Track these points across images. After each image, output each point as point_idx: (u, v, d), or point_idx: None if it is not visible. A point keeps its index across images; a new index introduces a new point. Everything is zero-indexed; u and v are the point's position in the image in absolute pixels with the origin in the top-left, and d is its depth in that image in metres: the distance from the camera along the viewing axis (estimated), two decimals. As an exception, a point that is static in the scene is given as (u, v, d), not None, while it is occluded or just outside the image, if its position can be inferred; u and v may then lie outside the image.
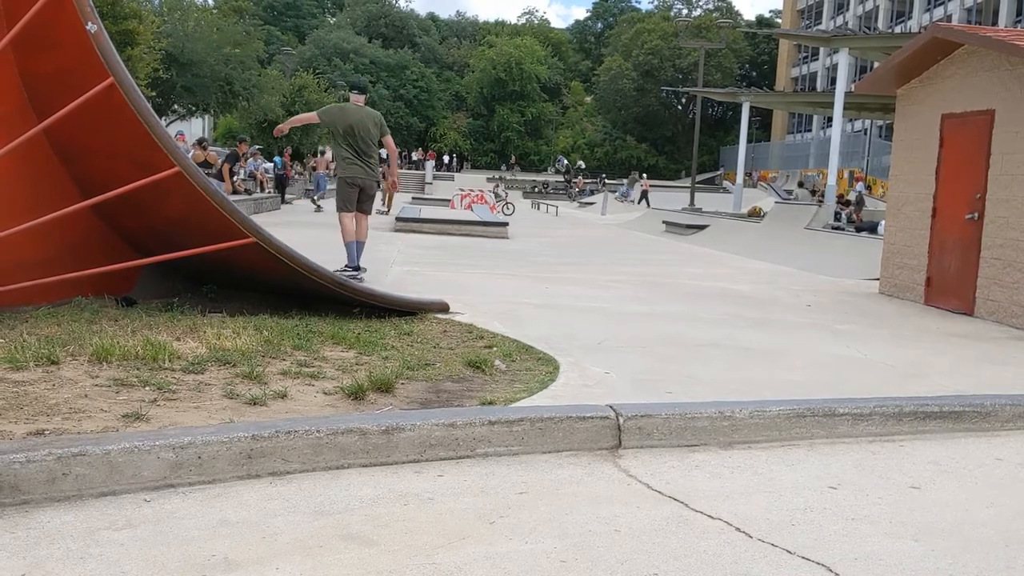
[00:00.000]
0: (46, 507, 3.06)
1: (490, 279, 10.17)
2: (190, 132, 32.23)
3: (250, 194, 22.22)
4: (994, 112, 8.92)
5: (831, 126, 28.44)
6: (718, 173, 64.57)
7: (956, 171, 9.53)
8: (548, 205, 38.72)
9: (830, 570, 2.91)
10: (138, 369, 4.53)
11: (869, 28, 55.30)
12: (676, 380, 5.23)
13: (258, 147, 30.60)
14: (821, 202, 22.90)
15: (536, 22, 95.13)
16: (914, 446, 4.45)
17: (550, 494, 3.48)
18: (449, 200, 29.82)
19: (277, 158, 31.62)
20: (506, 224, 19.28)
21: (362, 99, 9.59)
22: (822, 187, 31.32)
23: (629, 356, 5.89)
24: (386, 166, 14.95)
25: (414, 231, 17.76)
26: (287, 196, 27.16)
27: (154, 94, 28.52)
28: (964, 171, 9.36)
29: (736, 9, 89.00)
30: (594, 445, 4.04)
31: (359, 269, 9.29)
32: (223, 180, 18.97)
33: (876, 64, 22.09)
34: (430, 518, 3.17)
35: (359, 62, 73.76)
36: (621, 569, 2.84)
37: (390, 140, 9.78)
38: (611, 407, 4.20)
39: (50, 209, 5.90)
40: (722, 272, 12.96)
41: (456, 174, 60.84)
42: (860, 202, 23.49)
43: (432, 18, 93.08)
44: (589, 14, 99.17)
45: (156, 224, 6.53)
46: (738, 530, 3.21)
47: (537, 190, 52.17)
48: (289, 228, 14.88)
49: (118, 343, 4.87)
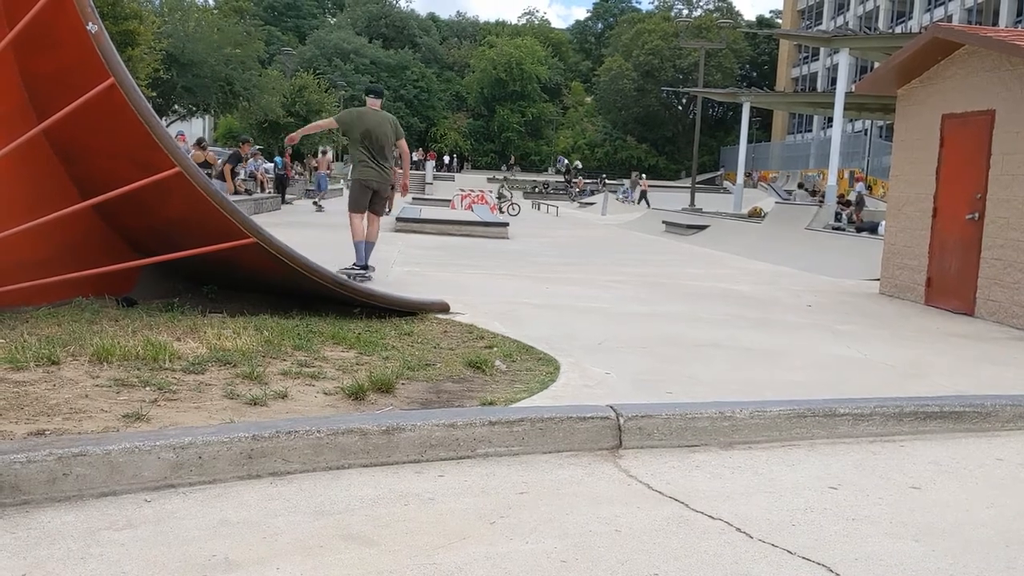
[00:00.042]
0: (47, 507, 3.06)
1: (491, 279, 10.17)
2: (190, 132, 32.20)
3: (250, 194, 22.23)
4: (994, 112, 8.92)
5: (831, 126, 28.44)
6: (718, 173, 64.59)
7: (956, 171, 9.53)
8: (548, 205, 38.75)
9: (831, 570, 2.91)
10: (139, 369, 4.53)
11: (869, 28, 55.30)
12: (677, 380, 5.23)
13: (258, 147, 30.63)
14: (822, 202, 22.90)
15: (536, 22, 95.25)
16: (914, 446, 4.45)
17: (551, 494, 3.48)
18: (449, 200, 29.84)
19: (278, 158, 31.63)
20: (506, 224, 19.28)
21: (378, 103, 9.79)
22: (822, 187, 31.33)
23: (630, 356, 5.88)
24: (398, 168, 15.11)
25: (415, 231, 17.77)
26: (287, 196, 27.17)
27: (155, 94, 28.53)
28: (965, 171, 9.36)
29: (736, 9, 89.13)
30: (595, 445, 4.04)
31: (367, 268, 9.43)
32: (225, 180, 18.99)
33: (876, 64, 22.08)
34: (431, 518, 3.17)
35: (359, 62, 73.81)
36: (622, 569, 2.84)
37: (404, 144, 9.95)
38: (612, 407, 4.20)
39: (51, 209, 5.90)
40: (723, 272, 12.96)
41: (456, 174, 60.88)
42: (860, 202, 23.47)
43: (432, 18, 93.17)
44: (589, 14, 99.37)
45: (157, 224, 6.53)
46: (739, 530, 3.21)
47: (537, 190, 52.21)
48: (289, 228, 14.88)
49: (119, 343, 4.87)
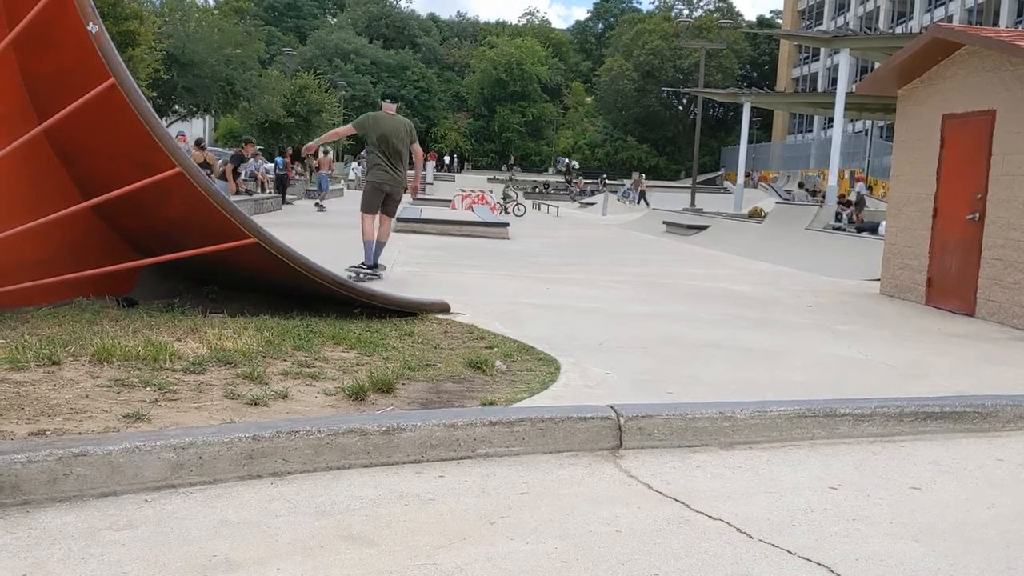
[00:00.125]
0: (47, 507, 3.06)
1: (491, 280, 10.17)
2: (191, 133, 32.17)
3: (251, 194, 22.24)
4: (995, 112, 8.91)
5: (832, 127, 28.44)
6: (719, 173, 64.61)
7: (957, 171, 9.53)
8: (549, 205, 38.74)
9: (831, 571, 2.91)
10: (139, 369, 4.53)
11: (870, 28, 55.30)
12: (677, 380, 5.22)
13: (259, 148, 30.63)
14: (822, 203, 22.88)
15: (537, 23, 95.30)
16: (915, 447, 4.45)
17: (551, 494, 3.48)
18: (450, 201, 29.84)
19: (278, 158, 31.64)
20: (507, 225, 19.28)
21: (393, 108, 10.09)
22: (823, 188, 31.32)
23: (630, 356, 5.88)
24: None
25: (415, 231, 17.76)
26: (288, 196, 27.17)
27: (155, 95, 28.54)
28: (965, 171, 9.36)
29: (737, 10, 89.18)
30: (595, 445, 4.04)
31: (376, 267, 9.66)
32: (226, 180, 19.00)
33: (877, 65, 22.08)
34: (431, 518, 3.17)
35: (360, 63, 73.86)
36: (622, 570, 2.84)
37: (417, 147, 10.15)
38: (612, 407, 4.19)
39: (51, 209, 5.90)
40: (723, 273, 12.95)
41: (457, 175, 60.90)
42: (861, 203, 23.45)
43: (433, 19, 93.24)
44: (590, 14, 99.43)
45: (157, 224, 6.53)
46: (739, 531, 3.21)
47: (538, 191, 52.22)
48: (290, 228, 14.88)
49: (119, 343, 4.87)
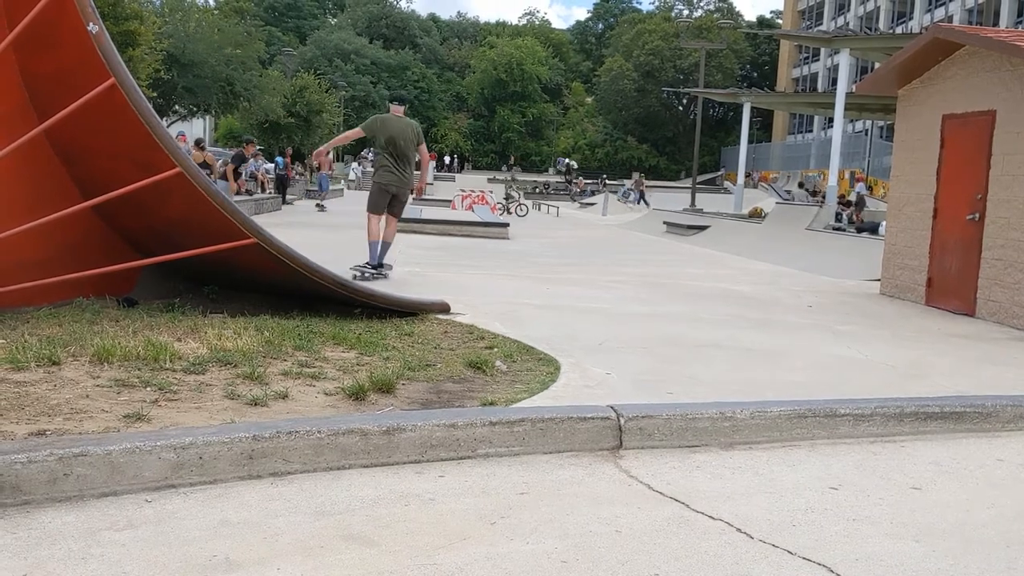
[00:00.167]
0: (47, 507, 3.06)
1: (491, 280, 10.17)
2: (191, 133, 32.19)
3: (251, 195, 22.25)
4: (995, 113, 8.91)
5: (832, 127, 28.43)
6: (719, 174, 64.59)
7: (957, 172, 9.53)
8: (549, 206, 38.73)
9: (831, 571, 2.91)
10: (139, 370, 4.53)
11: (870, 29, 55.31)
12: (677, 381, 5.23)
13: (259, 148, 30.64)
14: (822, 203, 22.88)
15: (537, 23, 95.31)
16: (915, 447, 4.45)
17: (551, 495, 3.48)
18: (450, 201, 29.83)
19: (279, 158, 31.63)
20: (507, 225, 19.28)
21: (401, 110, 10.14)
22: (823, 188, 31.31)
23: (630, 357, 5.88)
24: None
25: (415, 232, 17.75)
26: (288, 197, 27.18)
27: (155, 95, 28.52)
28: (965, 172, 9.36)
29: (737, 10, 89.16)
30: (595, 446, 4.04)
31: (382, 266, 9.78)
32: (227, 180, 19.01)
33: (877, 65, 22.08)
34: (431, 519, 3.17)
35: (360, 63, 73.86)
36: (622, 570, 2.84)
37: (424, 149, 10.23)
38: (612, 408, 4.19)
39: (51, 209, 5.90)
40: (723, 273, 12.95)
41: (457, 175, 60.88)
42: (861, 203, 23.44)
43: (433, 19, 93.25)
44: (590, 15, 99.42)
45: (157, 225, 6.53)
46: (739, 531, 3.21)
47: (538, 191, 52.23)
48: (290, 229, 14.89)
49: (119, 344, 4.87)
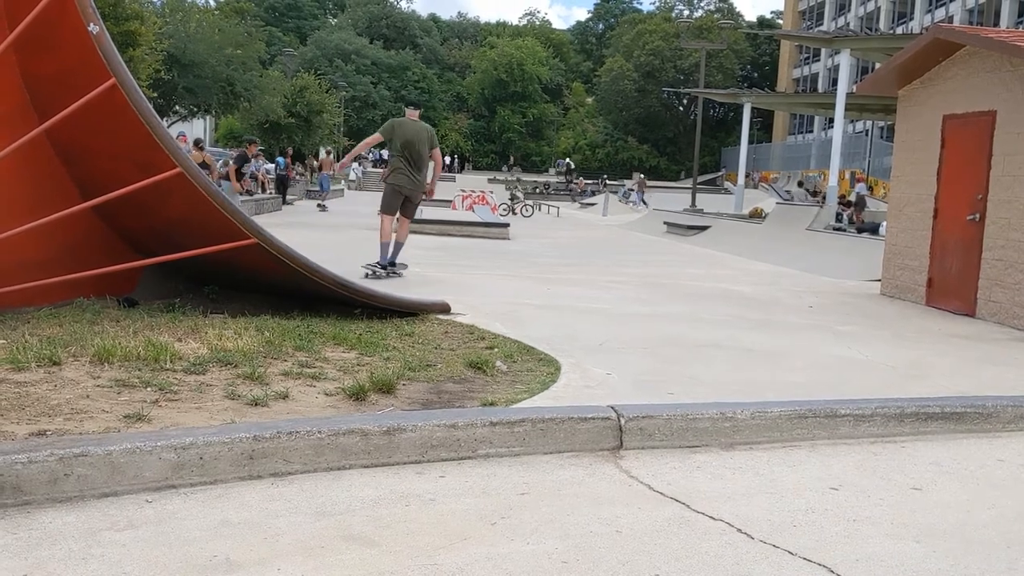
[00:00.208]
0: (48, 508, 3.06)
1: (491, 280, 10.17)
2: (191, 133, 32.16)
3: (251, 195, 22.24)
4: (995, 113, 8.91)
5: (832, 127, 28.41)
6: (719, 174, 64.56)
7: (957, 172, 9.53)
8: (549, 206, 38.71)
9: (832, 571, 2.91)
10: (140, 370, 4.53)
11: (871, 29, 55.30)
12: (678, 381, 5.23)
13: (260, 148, 30.60)
14: (822, 203, 22.86)
15: (537, 23, 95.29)
16: (915, 447, 4.45)
17: (552, 495, 3.48)
18: (450, 201, 29.82)
19: (280, 158, 31.63)
20: (507, 225, 19.29)
21: (416, 114, 10.28)
22: (823, 188, 31.28)
23: (631, 357, 5.89)
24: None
25: (415, 232, 17.65)
26: (288, 197, 27.18)
27: (156, 95, 28.53)
28: (965, 172, 9.35)
29: (737, 10, 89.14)
30: (595, 446, 4.04)
31: (393, 265, 9.96)
32: (230, 181, 18.98)
33: (877, 65, 22.07)
34: (432, 519, 3.17)
35: (360, 63, 73.87)
36: (623, 570, 2.84)
37: (437, 153, 10.35)
38: (612, 408, 4.20)
39: (51, 210, 5.90)
40: (724, 273, 12.95)
41: (457, 175, 60.81)
42: (861, 203, 23.42)
43: (433, 19, 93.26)
44: (590, 15, 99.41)
45: (157, 225, 6.53)
46: (740, 531, 3.21)
47: (539, 191, 52.22)
48: (291, 229, 14.89)
49: (120, 344, 4.88)
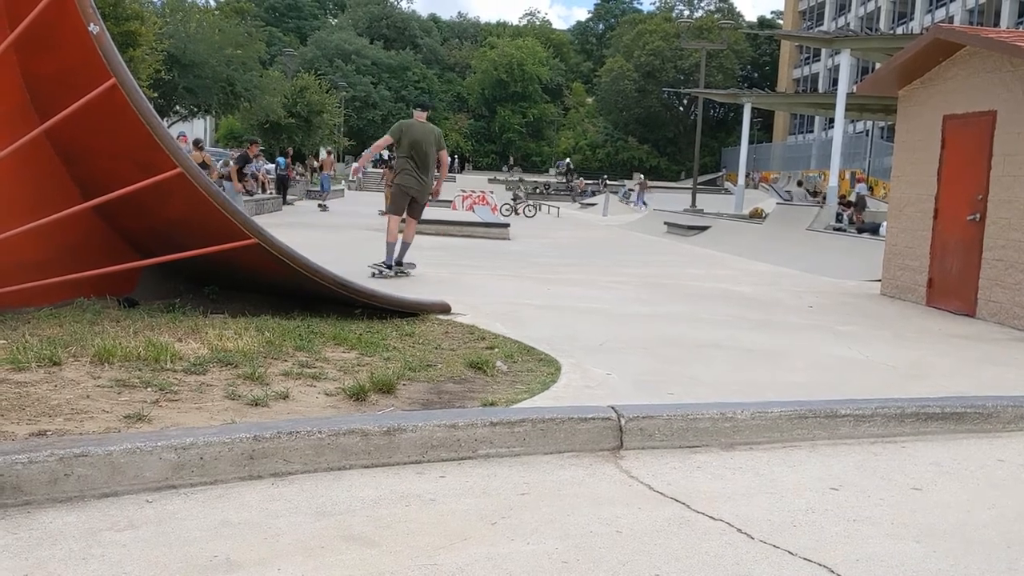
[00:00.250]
0: (48, 508, 3.06)
1: (492, 280, 10.17)
2: (192, 133, 32.16)
3: (251, 195, 22.22)
4: (996, 113, 8.91)
5: (833, 127, 28.42)
6: (720, 174, 64.56)
7: (958, 172, 9.53)
8: (550, 206, 38.71)
9: (832, 571, 2.91)
10: (140, 370, 4.53)
11: (871, 29, 55.31)
12: (678, 381, 5.23)
13: (260, 148, 30.61)
14: (823, 203, 22.86)
15: (538, 23, 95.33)
16: (916, 447, 4.45)
17: (552, 495, 3.48)
18: (451, 201, 29.82)
19: (280, 159, 31.63)
20: (507, 225, 19.29)
21: (424, 115, 10.34)
22: (823, 188, 31.29)
23: (631, 357, 5.89)
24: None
25: (415, 232, 17.72)
26: (288, 197, 27.18)
27: (156, 95, 28.51)
28: (966, 172, 9.35)
29: (738, 10, 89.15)
30: (596, 446, 4.04)
31: (400, 265, 10.09)
32: (233, 181, 18.98)
33: (878, 65, 22.08)
34: (432, 519, 3.17)
35: (361, 63, 73.89)
36: (623, 570, 2.84)
37: (444, 154, 10.40)
38: (613, 408, 4.20)
39: (52, 210, 5.90)
40: (724, 273, 12.95)
41: (457, 175, 60.80)
42: (861, 203, 23.42)
43: (434, 19, 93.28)
44: (591, 15, 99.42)
45: (158, 225, 6.53)
46: (740, 531, 3.21)
47: (539, 191, 52.24)
48: (291, 229, 14.89)
49: (120, 344, 4.88)
